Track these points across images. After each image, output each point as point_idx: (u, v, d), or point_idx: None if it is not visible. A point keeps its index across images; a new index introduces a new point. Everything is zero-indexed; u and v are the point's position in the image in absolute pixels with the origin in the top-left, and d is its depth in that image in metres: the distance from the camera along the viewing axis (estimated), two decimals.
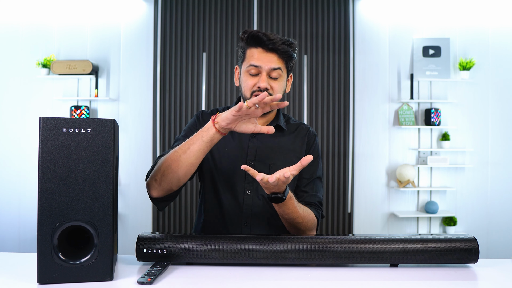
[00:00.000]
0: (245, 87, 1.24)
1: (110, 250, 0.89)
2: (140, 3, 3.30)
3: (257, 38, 1.20)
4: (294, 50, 1.25)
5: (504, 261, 1.10)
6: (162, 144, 3.26)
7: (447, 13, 3.34)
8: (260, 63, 1.20)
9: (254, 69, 1.21)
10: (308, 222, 1.19)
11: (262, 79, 1.20)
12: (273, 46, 1.20)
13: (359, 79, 3.32)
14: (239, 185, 1.25)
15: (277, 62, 1.21)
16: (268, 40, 1.19)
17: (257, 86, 1.21)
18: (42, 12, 3.29)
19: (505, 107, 3.33)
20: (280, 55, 1.22)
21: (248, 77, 1.23)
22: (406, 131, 3.34)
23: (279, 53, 1.21)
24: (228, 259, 1.01)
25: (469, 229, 3.30)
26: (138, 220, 3.26)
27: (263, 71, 1.21)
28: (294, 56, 1.26)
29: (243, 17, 3.29)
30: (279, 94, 1.08)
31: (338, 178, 3.29)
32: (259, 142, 1.29)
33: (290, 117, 1.40)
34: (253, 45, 1.22)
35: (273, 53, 1.21)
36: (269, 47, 1.20)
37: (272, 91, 1.21)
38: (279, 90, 1.23)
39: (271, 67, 1.20)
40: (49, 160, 0.86)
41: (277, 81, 1.22)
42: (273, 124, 1.31)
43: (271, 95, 1.19)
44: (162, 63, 3.27)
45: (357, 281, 0.93)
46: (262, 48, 1.21)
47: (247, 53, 1.24)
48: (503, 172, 3.32)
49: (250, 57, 1.23)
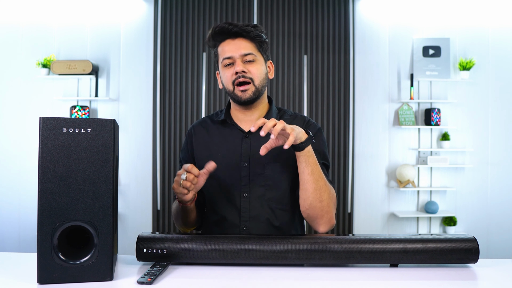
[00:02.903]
0: (225, 80, 1.25)
1: (110, 250, 0.89)
2: (140, 3, 3.30)
3: (220, 30, 1.23)
4: (261, 31, 1.26)
5: (504, 261, 1.10)
6: (162, 144, 3.26)
7: (447, 13, 3.34)
8: (231, 53, 1.22)
9: (228, 60, 1.23)
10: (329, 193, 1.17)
11: (237, 64, 1.21)
12: (237, 29, 1.21)
13: (359, 79, 3.32)
14: (235, 189, 1.23)
15: (247, 47, 1.22)
16: (230, 25, 1.21)
17: (234, 73, 1.21)
18: (42, 12, 3.29)
19: (505, 107, 3.33)
20: (248, 38, 1.23)
21: (225, 70, 1.24)
22: (406, 131, 3.34)
23: (245, 35, 1.23)
24: (228, 259, 1.01)
25: (469, 229, 3.30)
26: (138, 220, 3.26)
27: (236, 59, 1.22)
28: (263, 37, 1.26)
29: (243, 17, 3.29)
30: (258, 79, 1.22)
31: (338, 178, 3.29)
32: (253, 141, 1.25)
33: (286, 111, 1.35)
34: (220, 39, 1.25)
35: (240, 38, 1.23)
36: (233, 31, 1.22)
37: (250, 74, 1.22)
38: (257, 72, 1.23)
39: (242, 53, 1.21)
40: (49, 160, 0.86)
41: (253, 64, 1.23)
42: None
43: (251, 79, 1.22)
44: (162, 63, 3.27)
45: (357, 281, 0.93)
46: (229, 37, 1.23)
47: (218, 51, 1.26)
48: (503, 172, 3.32)
49: (221, 52, 1.25)
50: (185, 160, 1.34)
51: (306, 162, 1.11)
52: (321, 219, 1.17)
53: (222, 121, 1.31)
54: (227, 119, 1.30)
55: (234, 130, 1.29)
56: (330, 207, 1.17)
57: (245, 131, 1.28)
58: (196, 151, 1.31)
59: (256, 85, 1.23)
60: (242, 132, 1.28)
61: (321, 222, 1.18)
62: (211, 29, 1.25)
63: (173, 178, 3.43)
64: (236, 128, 1.29)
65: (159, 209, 3.23)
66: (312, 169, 1.12)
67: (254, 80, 1.22)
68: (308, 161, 1.11)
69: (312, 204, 1.15)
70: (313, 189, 1.13)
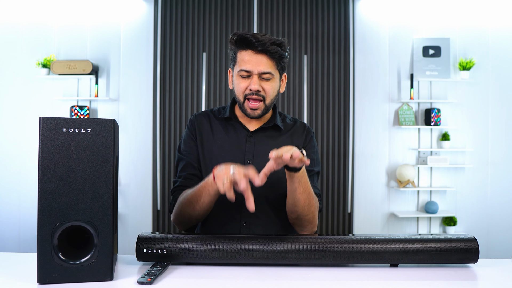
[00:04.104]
0: (237, 90, 1.26)
1: (110, 250, 0.89)
2: (140, 3, 3.30)
3: (246, 40, 1.21)
4: (285, 49, 1.25)
5: (504, 261, 1.10)
6: (162, 144, 3.26)
7: (447, 13, 3.34)
8: (250, 67, 1.21)
9: (245, 73, 1.23)
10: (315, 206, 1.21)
11: (253, 81, 1.21)
12: (263, 48, 1.20)
13: (359, 79, 3.32)
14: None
15: (267, 65, 1.22)
16: (257, 42, 1.20)
17: (248, 88, 1.22)
18: (42, 12, 3.29)
19: (505, 107, 3.33)
20: (271, 56, 1.22)
21: (240, 80, 1.24)
22: (406, 131, 3.34)
23: (269, 54, 1.21)
24: (228, 259, 1.01)
25: (469, 229, 3.30)
26: (138, 220, 3.25)
27: (253, 74, 1.22)
28: (285, 55, 1.26)
29: (243, 17, 3.29)
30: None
31: (338, 178, 3.29)
32: (256, 141, 1.29)
33: (286, 116, 1.40)
34: (243, 48, 1.23)
35: (263, 54, 1.21)
36: (258, 49, 1.20)
37: (264, 93, 1.23)
38: (271, 91, 1.24)
39: (261, 71, 1.21)
40: (49, 160, 0.86)
41: (269, 82, 1.23)
42: (270, 123, 1.31)
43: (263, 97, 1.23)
44: (162, 63, 3.27)
45: (357, 281, 0.93)
46: (252, 50, 1.22)
47: (238, 56, 1.25)
48: (503, 172, 3.32)
49: (241, 61, 1.24)
50: (187, 152, 1.32)
51: (299, 182, 1.12)
52: (306, 227, 1.24)
53: (226, 118, 1.33)
54: (232, 116, 1.32)
55: (239, 128, 1.31)
56: (314, 217, 1.23)
57: (249, 130, 1.30)
58: (199, 140, 1.31)
59: (267, 104, 1.25)
60: (247, 131, 1.30)
61: (305, 230, 1.25)
62: (236, 36, 1.23)
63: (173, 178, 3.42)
64: (241, 127, 1.31)
65: (159, 209, 3.23)
66: (303, 187, 1.14)
67: (266, 99, 1.24)
68: (301, 181, 1.12)
69: (299, 217, 1.21)
70: (302, 205, 1.17)
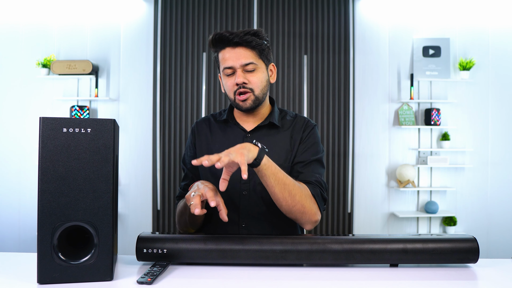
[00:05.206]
0: (227, 89, 1.26)
1: (110, 250, 0.89)
2: (140, 3, 3.30)
3: (221, 38, 1.22)
4: (262, 38, 1.25)
5: (504, 261, 1.10)
6: (162, 144, 3.26)
7: (447, 13, 3.34)
8: (231, 63, 1.22)
9: (229, 70, 1.23)
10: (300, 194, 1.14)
11: (238, 75, 1.22)
12: (239, 39, 1.21)
13: (359, 79, 3.32)
14: (235, 186, 1.25)
15: (247, 56, 1.22)
16: (231, 35, 1.21)
17: (235, 83, 1.23)
18: (42, 12, 3.29)
19: (505, 107, 3.33)
20: (249, 47, 1.22)
21: (227, 78, 1.25)
22: (406, 131, 3.34)
23: (246, 44, 1.21)
24: (228, 259, 1.01)
25: (469, 229, 3.30)
26: (138, 220, 3.26)
27: (236, 69, 1.22)
28: (264, 43, 1.25)
29: (243, 17, 3.29)
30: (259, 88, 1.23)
31: (338, 178, 3.29)
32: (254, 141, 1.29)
33: (287, 112, 1.37)
34: (221, 47, 1.24)
35: (241, 47, 1.22)
36: (234, 41, 1.21)
37: (251, 85, 1.23)
38: (258, 82, 1.24)
39: (243, 63, 1.21)
40: (49, 160, 0.86)
41: (254, 73, 1.23)
42: (266, 121, 1.30)
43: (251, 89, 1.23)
44: (162, 63, 3.27)
45: (357, 281, 0.93)
46: (229, 46, 1.22)
47: (219, 58, 1.26)
48: (503, 172, 3.32)
49: (222, 60, 1.24)
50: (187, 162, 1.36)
51: (266, 176, 1.09)
52: (301, 219, 1.18)
53: (224, 120, 1.34)
54: (229, 118, 1.32)
55: (236, 129, 1.32)
56: (306, 207, 1.15)
57: (246, 130, 1.30)
58: (198, 147, 1.34)
59: (256, 94, 1.24)
60: (244, 131, 1.30)
61: (303, 221, 1.19)
62: (212, 35, 1.25)
63: (173, 178, 3.45)
64: (238, 128, 1.31)
65: (159, 209, 3.23)
66: (275, 179, 1.10)
67: (254, 90, 1.24)
68: (268, 174, 1.09)
69: (288, 210, 1.15)
70: (282, 197, 1.12)
